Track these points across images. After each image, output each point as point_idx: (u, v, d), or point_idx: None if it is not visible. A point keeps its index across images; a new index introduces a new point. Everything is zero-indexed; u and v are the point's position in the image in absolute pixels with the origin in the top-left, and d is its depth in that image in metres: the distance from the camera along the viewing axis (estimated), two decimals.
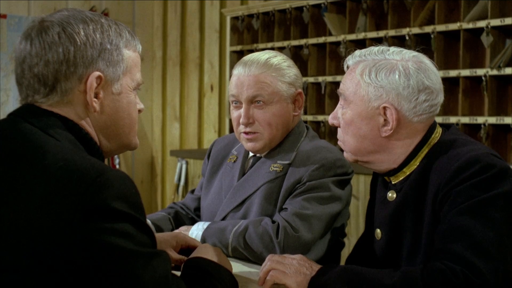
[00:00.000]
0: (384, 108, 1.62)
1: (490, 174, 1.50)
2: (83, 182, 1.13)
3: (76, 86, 1.28)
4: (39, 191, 1.13)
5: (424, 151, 1.65)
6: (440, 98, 1.66)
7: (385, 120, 1.62)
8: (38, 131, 1.23)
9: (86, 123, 1.31)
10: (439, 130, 1.68)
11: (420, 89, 1.61)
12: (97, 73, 1.28)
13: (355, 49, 1.73)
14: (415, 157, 1.65)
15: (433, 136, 1.66)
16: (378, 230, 1.72)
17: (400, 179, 1.67)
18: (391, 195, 1.69)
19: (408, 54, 1.66)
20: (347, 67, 1.73)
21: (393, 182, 1.70)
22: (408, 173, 1.66)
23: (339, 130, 1.72)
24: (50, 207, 1.11)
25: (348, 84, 1.67)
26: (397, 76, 1.61)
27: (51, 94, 1.27)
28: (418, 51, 1.69)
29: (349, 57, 1.72)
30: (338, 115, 1.70)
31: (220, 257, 1.55)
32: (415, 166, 1.64)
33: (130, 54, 1.37)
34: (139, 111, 1.42)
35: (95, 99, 1.30)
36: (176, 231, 2.03)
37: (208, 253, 1.53)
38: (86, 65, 1.27)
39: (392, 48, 1.68)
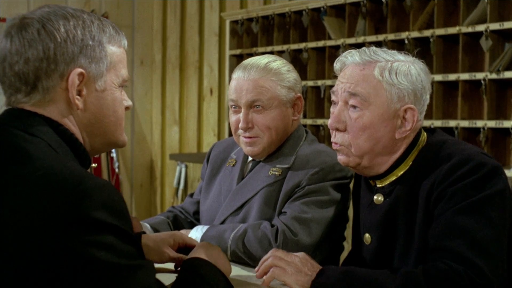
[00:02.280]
0: (406, 110, 1.62)
1: (483, 173, 1.52)
2: (63, 192, 1.09)
3: (58, 83, 1.25)
4: (19, 202, 1.10)
5: (414, 153, 1.66)
6: None
7: (401, 121, 1.63)
8: (21, 137, 1.20)
9: (69, 121, 1.28)
10: (424, 133, 1.70)
11: (426, 90, 1.65)
12: (78, 70, 1.25)
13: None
14: (406, 159, 1.65)
15: (420, 138, 1.67)
16: (367, 235, 1.71)
17: (388, 182, 1.67)
18: (378, 198, 1.68)
19: (409, 56, 1.68)
20: (339, 68, 1.69)
21: (379, 185, 1.69)
22: (398, 175, 1.66)
23: (339, 134, 1.67)
24: (30, 219, 1.09)
25: (364, 84, 1.62)
26: (414, 78, 1.62)
27: (33, 93, 1.25)
28: (419, 53, 1.71)
29: (347, 56, 1.67)
30: (344, 119, 1.66)
31: (219, 257, 1.52)
32: (406, 169, 1.65)
33: (115, 50, 1.33)
34: (127, 108, 1.38)
35: (77, 97, 1.27)
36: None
37: (207, 253, 1.51)
38: (67, 62, 1.24)
39: (388, 50, 1.69)
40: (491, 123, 3.17)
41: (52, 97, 1.26)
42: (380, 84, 1.61)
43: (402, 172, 1.65)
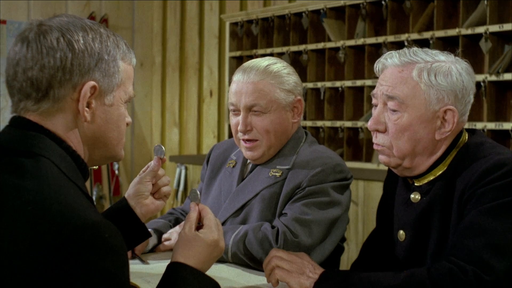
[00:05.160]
0: (445, 111, 1.62)
1: None
2: (48, 232, 1.07)
3: (69, 94, 1.25)
4: (4, 237, 1.09)
5: (453, 154, 1.66)
6: None
7: (441, 122, 1.63)
8: (20, 164, 1.17)
9: (73, 134, 1.28)
10: (465, 134, 1.70)
11: (469, 90, 1.64)
12: (92, 83, 1.26)
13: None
14: (445, 159, 1.66)
15: (461, 139, 1.67)
16: (402, 232, 1.72)
17: (426, 181, 1.68)
18: (415, 196, 1.69)
19: (451, 56, 1.67)
20: (380, 69, 1.69)
21: (417, 184, 1.70)
22: (436, 175, 1.66)
23: (380, 135, 1.68)
24: (12, 257, 1.07)
25: (402, 87, 1.63)
26: (454, 78, 1.62)
27: (43, 100, 1.24)
28: (462, 52, 1.69)
29: (387, 58, 1.68)
30: (383, 120, 1.66)
31: (209, 259, 1.44)
32: (444, 169, 1.65)
33: (126, 66, 1.35)
34: (127, 124, 1.40)
35: (86, 109, 1.27)
36: (177, 227, 2.08)
37: (195, 255, 1.42)
38: (82, 73, 1.25)
39: (429, 50, 1.67)
40: (491, 125, 3.18)
41: (61, 106, 1.26)
42: (418, 85, 1.61)
43: (440, 172, 1.65)
